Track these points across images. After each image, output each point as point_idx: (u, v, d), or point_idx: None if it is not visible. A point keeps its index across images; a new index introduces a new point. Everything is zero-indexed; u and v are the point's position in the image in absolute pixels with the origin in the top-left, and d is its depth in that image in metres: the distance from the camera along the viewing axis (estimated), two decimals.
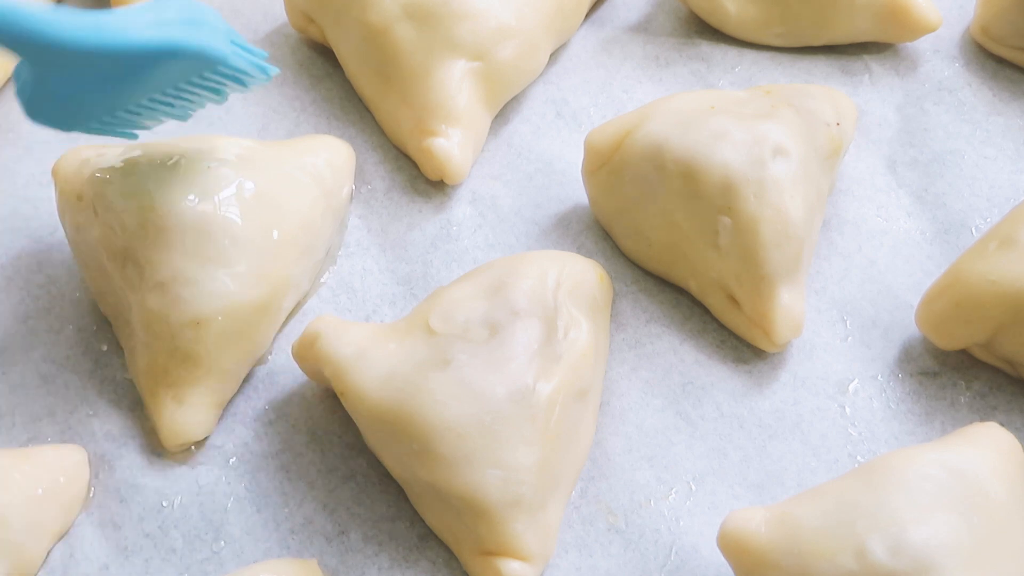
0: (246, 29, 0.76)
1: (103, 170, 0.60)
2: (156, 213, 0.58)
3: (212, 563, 0.57)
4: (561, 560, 0.57)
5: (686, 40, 0.76)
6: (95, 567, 0.57)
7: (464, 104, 0.67)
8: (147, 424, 0.61)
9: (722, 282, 0.62)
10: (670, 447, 0.60)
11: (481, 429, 0.53)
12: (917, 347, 0.63)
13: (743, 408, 0.62)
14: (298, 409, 0.62)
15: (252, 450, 0.61)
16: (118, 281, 0.60)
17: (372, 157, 0.71)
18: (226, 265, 0.58)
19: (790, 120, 0.62)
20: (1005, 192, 0.69)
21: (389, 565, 0.57)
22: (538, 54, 0.70)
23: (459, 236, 0.67)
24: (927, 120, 0.72)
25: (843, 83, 0.73)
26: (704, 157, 0.60)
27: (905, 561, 0.47)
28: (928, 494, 0.49)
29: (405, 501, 0.58)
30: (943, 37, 0.75)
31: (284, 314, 0.63)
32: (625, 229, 0.65)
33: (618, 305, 0.65)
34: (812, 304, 0.65)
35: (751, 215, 0.59)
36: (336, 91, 0.74)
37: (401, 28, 0.67)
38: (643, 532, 0.58)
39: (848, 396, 0.62)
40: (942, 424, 0.61)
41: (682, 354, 0.63)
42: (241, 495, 0.59)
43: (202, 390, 0.59)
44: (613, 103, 0.73)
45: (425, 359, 0.55)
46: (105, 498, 0.59)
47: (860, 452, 0.60)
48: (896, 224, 0.68)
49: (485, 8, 0.67)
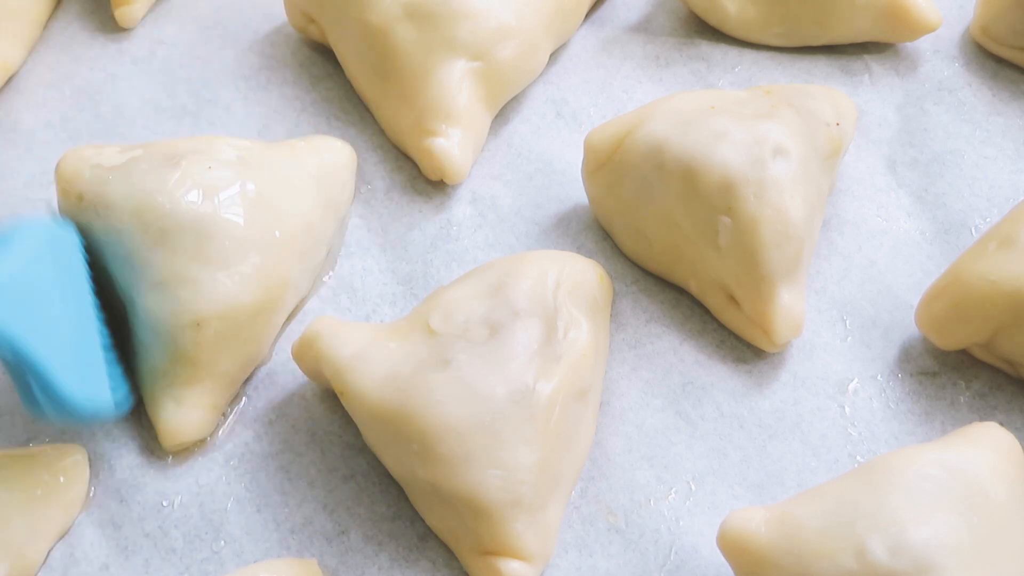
0: (246, 29, 0.77)
1: (104, 170, 0.60)
2: (156, 213, 0.58)
3: (212, 563, 0.57)
4: (561, 560, 0.57)
5: (686, 40, 0.76)
6: (95, 567, 0.57)
7: (464, 104, 0.67)
8: (147, 424, 0.61)
9: (722, 282, 0.62)
10: (670, 447, 0.60)
11: (481, 429, 0.53)
12: (917, 347, 0.64)
13: (743, 408, 0.62)
14: (298, 409, 0.62)
15: (252, 450, 0.61)
16: (118, 281, 0.60)
17: (372, 157, 0.71)
18: (226, 266, 0.58)
19: (790, 120, 0.62)
20: (1005, 192, 0.69)
21: (389, 565, 0.57)
22: (538, 54, 0.70)
23: (459, 236, 0.68)
24: (927, 120, 0.72)
25: (843, 83, 0.73)
26: (704, 157, 0.60)
27: (905, 561, 0.47)
28: (928, 494, 0.49)
29: (405, 501, 0.58)
30: (943, 37, 0.75)
31: (284, 315, 0.63)
32: (625, 229, 0.65)
33: (618, 305, 0.65)
34: (812, 304, 0.65)
35: (751, 215, 0.59)
36: (336, 91, 0.74)
37: (401, 28, 0.67)
38: (643, 532, 0.58)
39: (848, 396, 0.62)
40: (942, 424, 0.61)
41: (682, 354, 0.63)
42: (241, 495, 0.59)
43: (202, 390, 0.59)
44: (613, 103, 0.73)
45: (425, 359, 0.55)
46: (105, 498, 0.59)
47: (860, 452, 0.60)
48: (896, 224, 0.68)
49: (485, 8, 0.67)
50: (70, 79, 0.74)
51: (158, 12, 0.77)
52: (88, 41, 0.76)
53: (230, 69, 0.75)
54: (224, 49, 0.76)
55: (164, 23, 0.77)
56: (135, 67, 0.75)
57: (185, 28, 0.77)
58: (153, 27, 0.77)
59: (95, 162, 0.61)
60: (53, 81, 0.74)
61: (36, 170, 0.70)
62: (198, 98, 0.73)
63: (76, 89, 0.74)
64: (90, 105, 0.73)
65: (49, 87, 0.74)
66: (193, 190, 0.59)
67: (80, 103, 0.73)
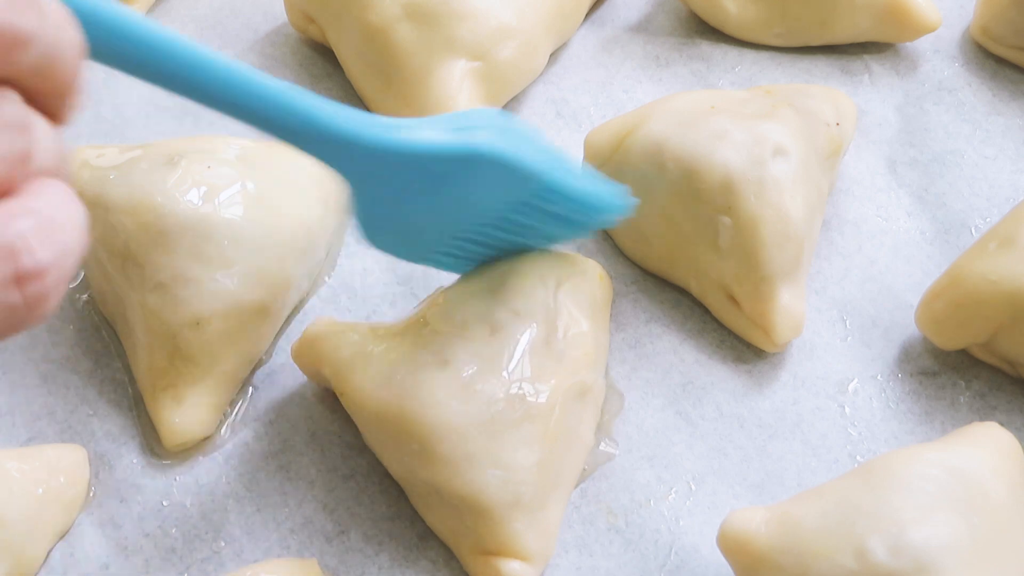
0: (246, 29, 0.77)
1: (104, 170, 0.60)
2: (156, 213, 0.58)
3: (212, 563, 0.57)
4: (561, 560, 0.57)
5: (686, 40, 0.76)
6: (95, 567, 0.57)
7: (464, 104, 0.67)
8: (147, 424, 0.61)
9: (722, 282, 0.62)
10: (670, 447, 0.60)
11: (481, 429, 0.53)
12: (917, 347, 0.64)
13: (743, 408, 0.62)
14: (298, 409, 0.62)
15: (252, 450, 0.61)
16: (118, 281, 0.60)
17: None
18: (226, 265, 0.58)
19: (790, 120, 0.62)
20: (1005, 192, 0.69)
21: (389, 565, 0.57)
22: (538, 54, 0.70)
23: None
24: (927, 120, 0.72)
25: (843, 83, 0.73)
26: (704, 157, 0.60)
27: (905, 561, 0.47)
28: (928, 494, 0.49)
29: (405, 501, 0.58)
30: (943, 37, 0.75)
31: (284, 314, 0.63)
32: (625, 229, 0.65)
33: (618, 305, 0.65)
34: (812, 304, 0.65)
35: (751, 215, 0.59)
36: (336, 91, 0.74)
37: (401, 28, 0.67)
38: (643, 532, 0.58)
39: (848, 396, 0.62)
40: (942, 424, 0.61)
41: (682, 354, 0.63)
42: (241, 495, 0.59)
43: (202, 390, 0.59)
44: (613, 103, 0.73)
45: (425, 359, 0.55)
46: (105, 498, 0.59)
47: (860, 452, 0.60)
48: (896, 224, 0.68)
49: (485, 8, 0.67)
50: None
51: (158, 12, 0.77)
52: None
53: None
54: (224, 49, 0.76)
55: (164, 23, 0.77)
56: None
57: (185, 28, 0.77)
58: None
59: (94, 162, 0.61)
60: None
61: None
62: None
63: None
64: (90, 105, 0.73)
65: None
66: (193, 190, 0.59)
67: None
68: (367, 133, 0.48)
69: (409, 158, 0.49)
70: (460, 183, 0.50)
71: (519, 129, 0.52)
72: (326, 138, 0.48)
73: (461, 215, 0.53)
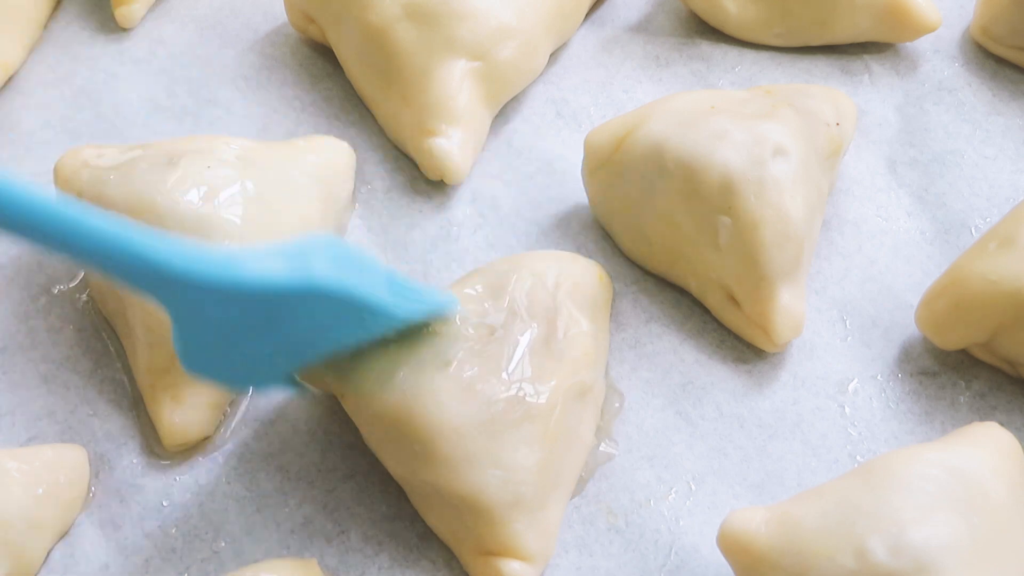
0: (246, 29, 0.77)
1: (103, 170, 0.60)
2: (156, 213, 0.58)
3: (212, 563, 0.57)
4: (561, 560, 0.57)
5: (686, 40, 0.76)
6: (95, 567, 0.57)
7: (464, 104, 0.67)
8: (147, 424, 0.61)
9: (722, 282, 0.62)
10: (670, 447, 0.60)
11: (481, 429, 0.53)
12: (917, 347, 0.64)
13: (743, 408, 0.62)
14: (298, 409, 0.62)
15: (252, 450, 0.61)
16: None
17: (372, 157, 0.71)
18: None
19: (790, 120, 0.62)
20: (1005, 192, 0.69)
21: (389, 565, 0.57)
22: (538, 54, 0.70)
23: (459, 236, 0.67)
24: (927, 120, 0.72)
25: (843, 83, 0.73)
26: (704, 157, 0.60)
27: (905, 561, 0.47)
28: (928, 494, 0.49)
29: (405, 501, 0.58)
30: (943, 37, 0.75)
31: None
32: (625, 229, 0.65)
33: (618, 305, 0.65)
34: (812, 304, 0.65)
35: (751, 215, 0.59)
36: (336, 91, 0.74)
37: (401, 28, 0.67)
38: (643, 532, 0.58)
39: (848, 396, 0.62)
40: (942, 424, 0.61)
41: (682, 354, 0.63)
42: (241, 495, 0.59)
43: (202, 390, 0.59)
44: (613, 103, 0.73)
45: (425, 359, 0.55)
46: (105, 498, 0.59)
47: (860, 452, 0.60)
48: (896, 224, 0.68)
49: (485, 8, 0.67)
50: (70, 79, 0.74)
51: (158, 12, 0.77)
52: (88, 41, 0.76)
53: (230, 69, 0.75)
54: (224, 49, 0.76)
55: (164, 23, 0.77)
56: (135, 67, 0.75)
57: (185, 28, 0.77)
58: (153, 27, 0.77)
59: (94, 162, 0.61)
60: (53, 81, 0.74)
61: (36, 170, 0.70)
62: (198, 98, 0.73)
63: (76, 89, 0.74)
64: (90, 105, 0.73)
65: (49, 87, 0.74)
66: (192, 190, 0.59)
67: (80, 103, 0.73)
68: (196, 268, 0.46)
69: (241, 293, 0.47)
70: (293, 314, 0.49)
71: (349, 254, 0.51)
72: (150, 270, 0.45)
73: (292, 341, 0.52)
